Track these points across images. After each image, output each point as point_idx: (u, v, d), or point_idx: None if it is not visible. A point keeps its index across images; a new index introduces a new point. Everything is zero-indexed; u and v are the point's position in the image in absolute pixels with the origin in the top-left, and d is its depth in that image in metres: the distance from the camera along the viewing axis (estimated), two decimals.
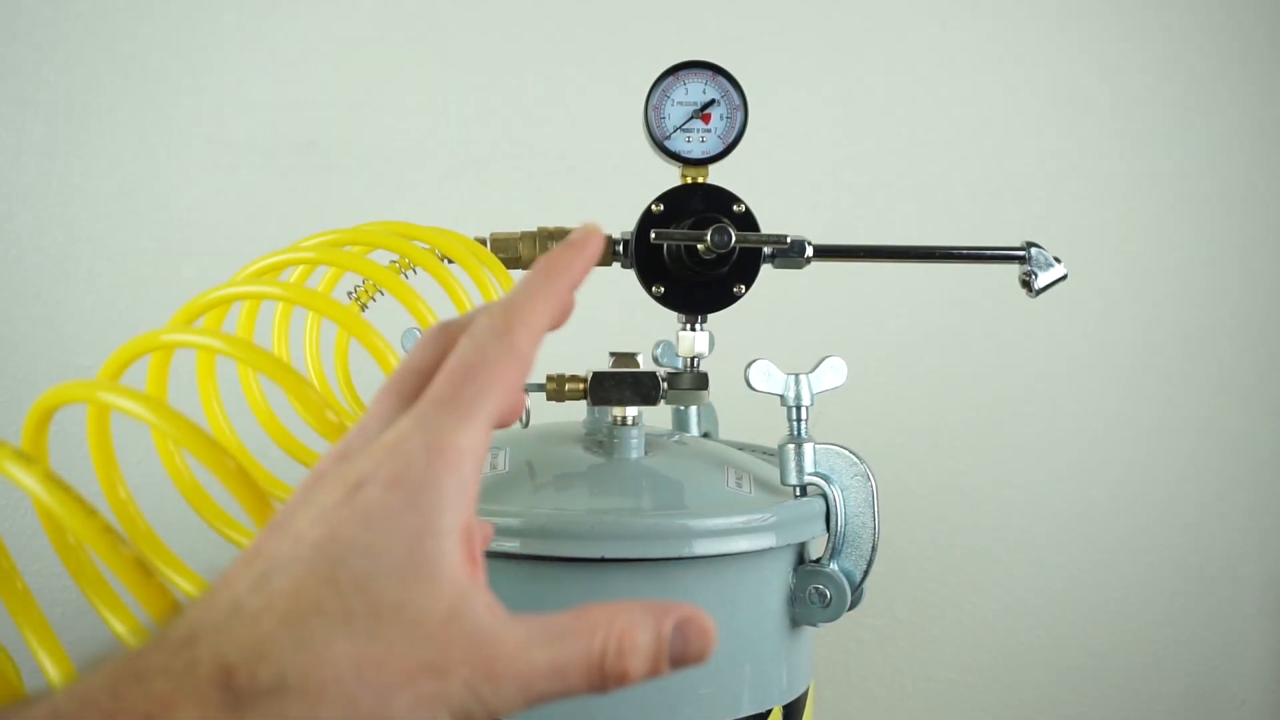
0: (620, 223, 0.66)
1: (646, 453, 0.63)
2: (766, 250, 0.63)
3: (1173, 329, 1.20)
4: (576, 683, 0.28)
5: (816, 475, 0.60)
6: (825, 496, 0.60)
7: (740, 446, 0.73)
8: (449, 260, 0.52)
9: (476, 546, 0.29)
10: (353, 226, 0.51)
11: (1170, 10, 1.19)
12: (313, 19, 1.06)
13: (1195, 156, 1.20)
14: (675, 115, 0.62)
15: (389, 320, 0.49)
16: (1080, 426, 1.19)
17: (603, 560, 0.53)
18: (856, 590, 0.61)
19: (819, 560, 0.61)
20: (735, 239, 0.59)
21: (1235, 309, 1.22)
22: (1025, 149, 1.17)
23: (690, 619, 0.30)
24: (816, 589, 0.60)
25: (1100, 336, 1.19)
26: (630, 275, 0.64)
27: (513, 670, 0.27)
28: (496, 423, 0.30)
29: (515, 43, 1.10)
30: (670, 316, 0.64)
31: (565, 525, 0.53)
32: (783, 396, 0.61)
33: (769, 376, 0.61)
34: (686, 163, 0.62)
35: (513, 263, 0.63)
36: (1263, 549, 1.24)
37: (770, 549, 0.57)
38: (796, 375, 0.61)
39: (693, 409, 0.78)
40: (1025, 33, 1.17)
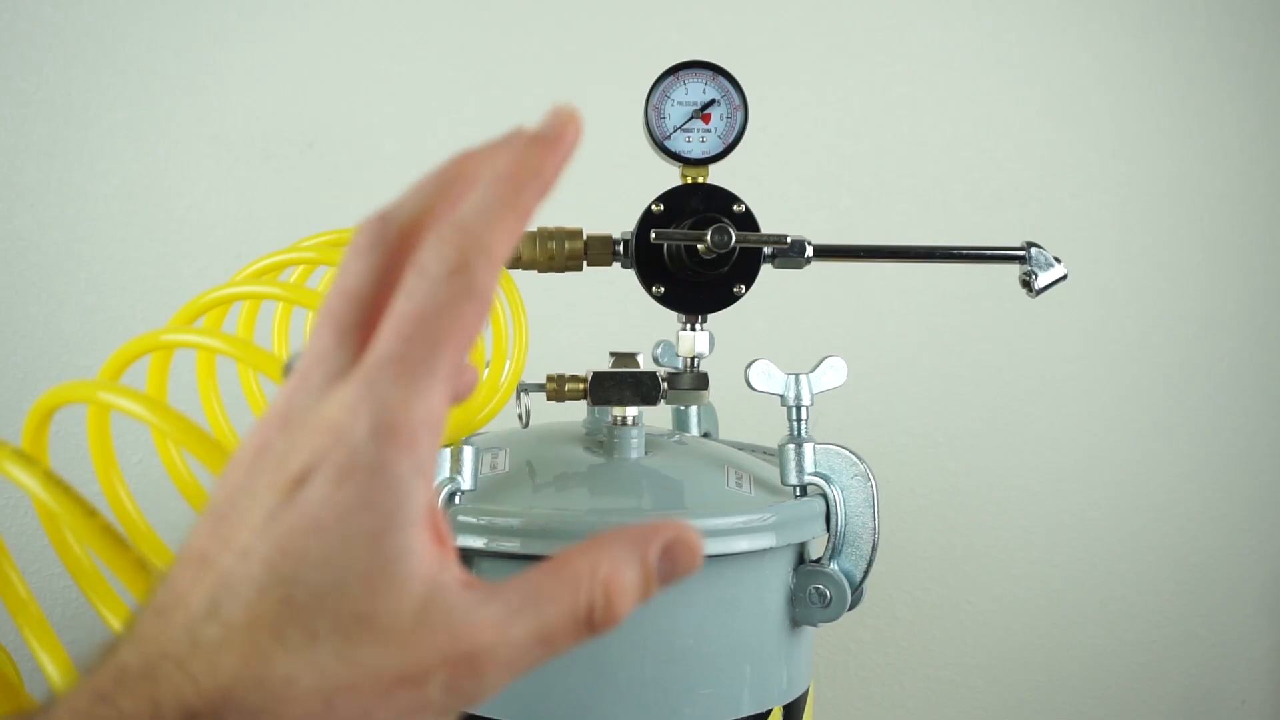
0: (620, 223, 0.66)
1: (646, 453, 0.63)
2: (766, 250, 0.63)
3: (1173, 329, 1.20)
4: (564, 644, 0.26)
5: (816, 475, 0.60)
6: (825, 496, 0.60)
7: (740, 446, 0.73)
8: None
9: (441, 523, 0.27)
10: (353, 226, 0.51)
11: (1170, 10, 1.19)
12: (313, 19, 1.06)
13: (1195, 156, 1.20)
14: (675, 115, 0.62)
15: None
16: (1080, 426, 1.19)
17: None
18: (856, 590, 0.61)
19: (819, 560, 0.61)
20: (735, 239, 0.59)
21: (1235, 309, 1.22)
22: (1025, 149, 1.17)
23: (675, 541, 0.28)
24: (816, 589, 0.60)
25: (1100, 336, 1.19)
26: (630, 275, 0.64)
27: (493, 658, 0.25)
28: (452, 391, 0.27)
29: (515, 43, 1.10)
30: (670, 316, 0.64)
31: (565, 525, 0.53)
32: (783, 396, 0.61)
33: (769, 376, 0.61)
34: (686, 163, 0.62)
35: (513, 263, 0.63)
36: (1262, 549, 1.24)
37: (770, 549, 0.57)
38: (796, 375, 0.61)
39: (693, 409, 0.78)
40: (1025, 33, 1.17)
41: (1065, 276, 0.64)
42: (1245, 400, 1.22)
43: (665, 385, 0.62)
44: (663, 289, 0.63)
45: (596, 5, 1.11)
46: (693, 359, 0.64)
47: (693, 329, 0.63)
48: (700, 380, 0.63)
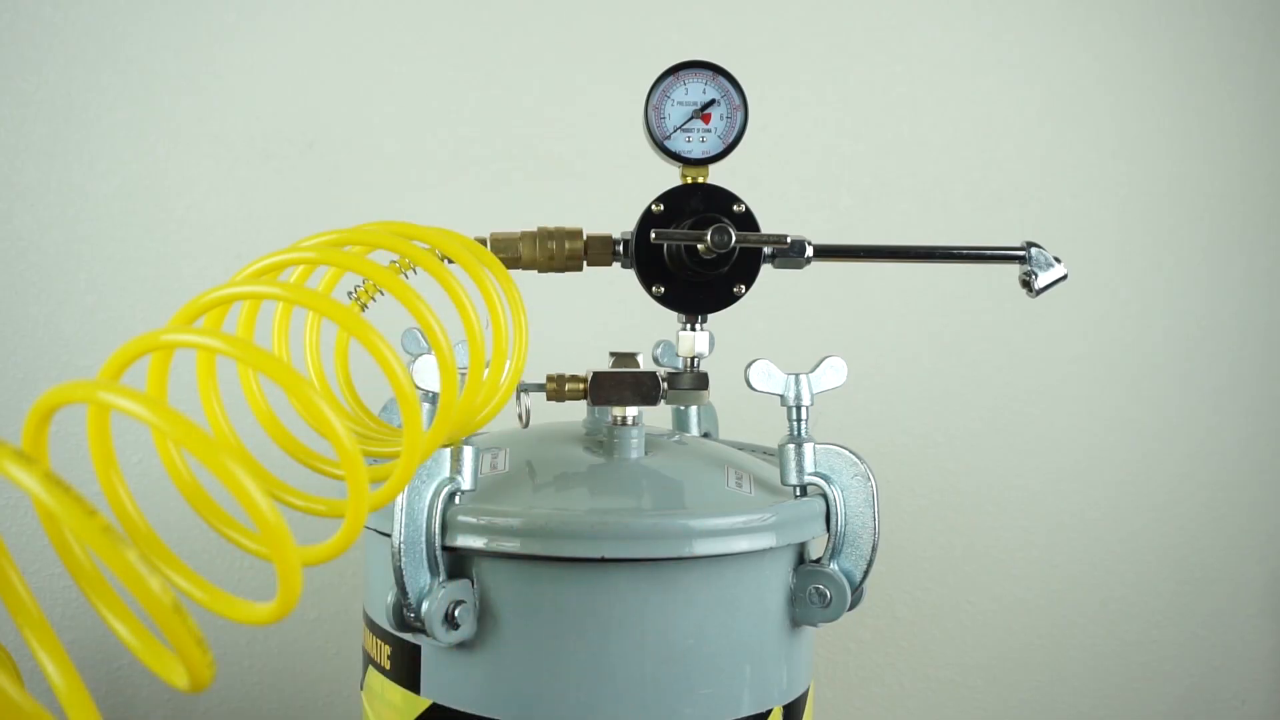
0: (620, 223, 0.66)
1: (646, 453, 0.62)
2: (766, 250, 0.63)
3: (1173, 329, 1.20)
4: None
5: (816, 475, 0.60)
6: (825, 496, 0.60)
7: (740, 446, 0.73)
8: (449, 260, 0.52)
9: None
10: (353, 226, 0.51)
11: (1170, 11, 1.19)
12: (313, 19, 1.06)
13: (1195, 156, 1.20)
14: (675, 115, 0.62)
15: (389, 320, 0.49)
16: (1080, 427, 1.19)
17: (603, 560, 0.53)
18: (857, 590, 0.61)
19: (819, 560, 0.61)
20: (735, 239, 0.59)
21: (1235, 309, 1.22)
22: (1025, 149, 1.17)
23: None
24: (817, 589, 0.60)
25: (1100, 336, 1.19)
26: (630, 275, 0.64)
27: None
28: None
29: (515, 42, 1.10)
30: (670, 316, 0.64)
31: (565, 525, 0.53)
32: (783, 396, 0.61)
33: (769, 376, 0.61)
34: (686, 162, 0.62)
35: (513, 263, 0.63)
36: (1263, 549, 1.24)
37: (770, 549, 0.57)
38: (796, 375, 0.61)
39: (693, 409, 0.78)
40: (1025, 33, 1.17)
41: (1065, 276, 0.64)
42: (1245, 400, 1.22)
43: (665, 385, 0.62)
44: (663, 289, 0.63)
45: (596, 5, 1.11)
46: (693, 359, 0.64)
47: (693, 329, 0.63)
48: (700, 380, 0.63)
